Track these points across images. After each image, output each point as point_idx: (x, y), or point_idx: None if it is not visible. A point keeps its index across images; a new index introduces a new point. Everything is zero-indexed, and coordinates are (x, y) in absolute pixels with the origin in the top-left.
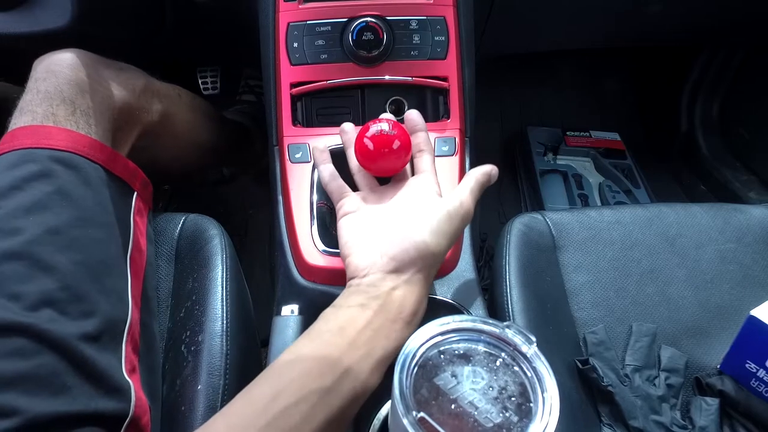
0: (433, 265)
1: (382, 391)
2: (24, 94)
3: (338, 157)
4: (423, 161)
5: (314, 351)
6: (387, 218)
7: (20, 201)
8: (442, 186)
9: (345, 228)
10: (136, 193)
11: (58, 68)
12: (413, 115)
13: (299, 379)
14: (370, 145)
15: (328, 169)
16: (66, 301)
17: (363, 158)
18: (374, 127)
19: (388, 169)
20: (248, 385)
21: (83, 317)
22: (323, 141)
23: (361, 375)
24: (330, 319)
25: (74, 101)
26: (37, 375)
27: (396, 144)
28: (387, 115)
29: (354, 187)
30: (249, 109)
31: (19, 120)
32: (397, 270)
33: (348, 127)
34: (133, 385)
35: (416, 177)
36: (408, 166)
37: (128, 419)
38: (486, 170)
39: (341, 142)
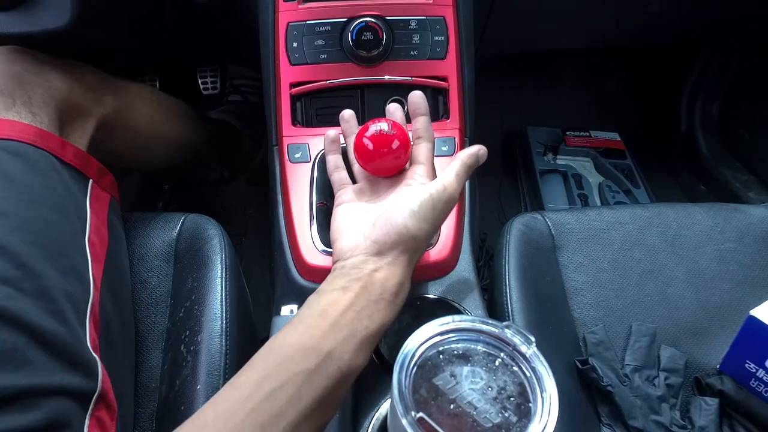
0: (416, 248)
1: (381, 390)
2: None
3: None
4: (420, 151)
5: (298, 335)
6: (376, 206)
7: None
8: None
9: (338, 215)
10: (91, 181)
11: None
12: (416, 98)
13: (283, 363)
14: (370, 145)
15: (334, 160)
16: (21, 278)
17: (362, 158)
18: (373, 127)
19: (386, 169)
20: (236, 374)
21: (41, 294)
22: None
23: (345, 355)
24: (313, 304)
25: (12, 93)
26: None
27: (395, 144)
28: (395, 108)
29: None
30: (236, 109)
31: None
32: (379, 252)
33: (348, 114)
34: (100, 361)
35: (411, 168)
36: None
37: (96, 393)
38: (472, 152)
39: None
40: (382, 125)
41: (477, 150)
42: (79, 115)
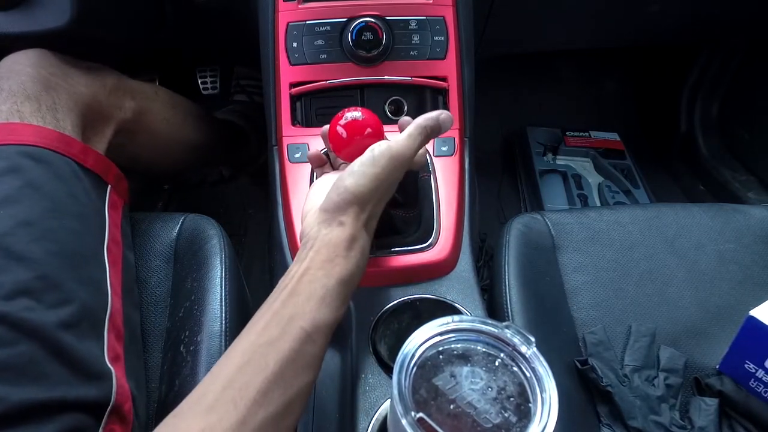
0: (361, 203)
1: (381, 390)
2: None
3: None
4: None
5: (261, 314)
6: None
7: None
8: (442, 186)
9: (308, 197)
10: (110, 187)
11: (21, 66)
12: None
13: (247, 339)
14: (344, 133)
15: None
16: (42, 289)
17: (336, 145)
18: (348, 115)
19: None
20: None
21: (60, 305)
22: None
23: (306, 315)
24: (279, 285)
25: (39, 98)
26: (15, 363)
27: (368, 131)
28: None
29: None
30: (242, 109)
31: None
32: (327, 219)
33: (313, 156)
34: (115, 373)
35: None
36: None
37: (110, 406)
38: (433, 115)
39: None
40: (356, 113)
41: (438, 114)
42: (100, 119)
